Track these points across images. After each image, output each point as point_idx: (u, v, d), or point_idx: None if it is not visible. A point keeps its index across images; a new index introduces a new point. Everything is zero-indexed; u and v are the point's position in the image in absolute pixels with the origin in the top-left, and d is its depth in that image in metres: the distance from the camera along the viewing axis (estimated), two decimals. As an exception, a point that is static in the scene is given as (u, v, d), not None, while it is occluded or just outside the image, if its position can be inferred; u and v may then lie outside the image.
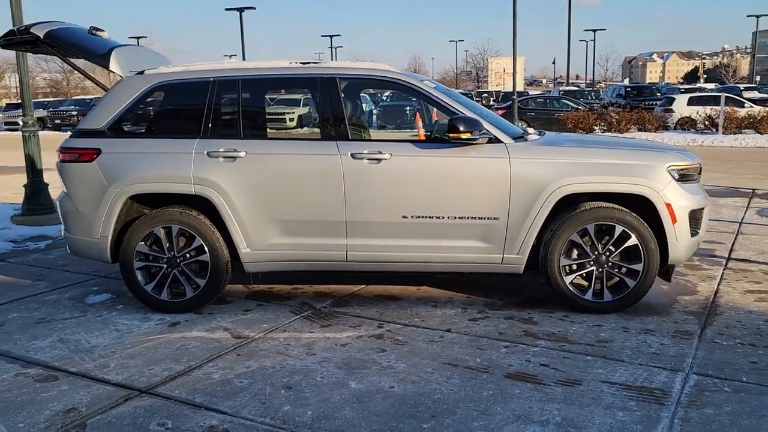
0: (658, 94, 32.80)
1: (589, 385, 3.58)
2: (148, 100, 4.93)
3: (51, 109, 35.03)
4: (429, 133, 5.78)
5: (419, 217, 4.65)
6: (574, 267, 4.69)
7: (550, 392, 3.50)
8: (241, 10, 42.11)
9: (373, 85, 5.28)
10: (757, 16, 54.39)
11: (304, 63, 5.04)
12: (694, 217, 4.67)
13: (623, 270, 4.65)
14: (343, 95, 4.79)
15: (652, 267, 4.59)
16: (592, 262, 4.66)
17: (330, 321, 4.65)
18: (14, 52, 6.77)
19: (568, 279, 4.67)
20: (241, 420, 3.26)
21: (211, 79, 4.87)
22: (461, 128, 4.50)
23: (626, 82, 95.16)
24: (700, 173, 4.92)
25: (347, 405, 3.39)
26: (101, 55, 4.99)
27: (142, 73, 5.03)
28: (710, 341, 4.16)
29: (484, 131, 4.58)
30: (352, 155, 4.64)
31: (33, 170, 8.57)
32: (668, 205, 4.54)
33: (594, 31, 54.48)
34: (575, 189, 4.56)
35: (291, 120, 4.82)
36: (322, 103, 4.81)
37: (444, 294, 5.22)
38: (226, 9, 42.60)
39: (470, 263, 4.77)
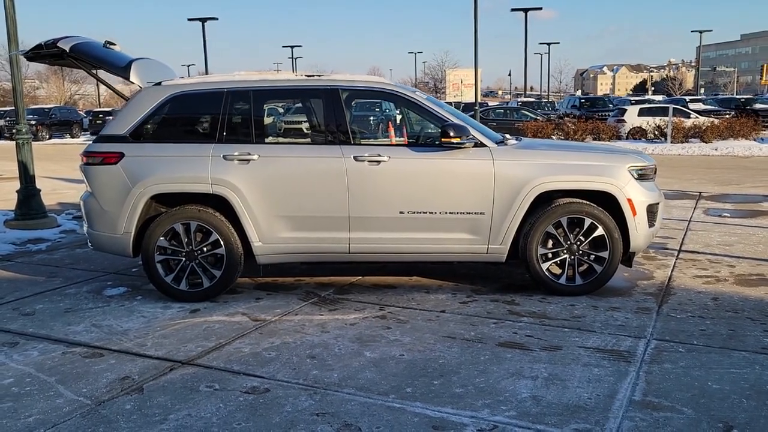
0: (610, 105, 34.24)
1: (568, 349, 4.23)
2: (167, 108, 5.42)
3: (8, 118, 34.60)
4: (414, 140, 6.40)
5: (415, 212, 5.26)
6: (550, 255, 5.35)
7: (536, 356, 4.13)
8: (203, 20, 42.29)
9: (371, 95, 5.86)
10: (701, 32, 56.89)
11: (308, 75, 5.61)
12: (651, 211, 5.39)
13: (592, 257, 5.33)
14: (344, 104, 5.38)
15: (617, 254, 5.28)
16: (565, 251, 5.33)
17: (336, 306, 5.21)
18: None
19: (544, 266, 5.33)
20: (278, 381, 3.80)
21: (225, 90, 5.41)
22: (452, 134, 5.14)
23: (578, 93, 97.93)
24: (655, 173, 5.65)
25: (366, 369, 3.97)
26: (122, 68, 5.47)
27: (159, 84, 5.54)
28: (666, 315, 4.86)
29: (471, 137, 5.23)
30: (355, 158, 5.23)
31: (26, 176, 8.89)
32: (629, 201, 5.25)
33: (549, 44, 56.30)
34: (551, 187, 5.23)
35: (304, 127, 5.12)
36: (326, 111, 5.39)
37: (434, 282, 5.83)
38: (189, 19, 42.71)
39: (459, 253, 5.39)
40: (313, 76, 5.61)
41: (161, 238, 5.29)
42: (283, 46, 50.71)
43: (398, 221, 5.29)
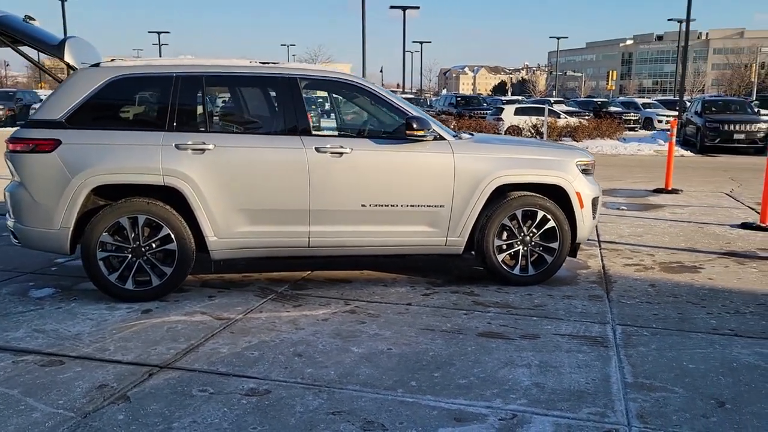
0: (484, 104, 35.71)
1: (546, 337, 4.37)
2: (108, 92, 4.99)
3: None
4: (360, 131, 6.27)
5: (376, 205, 5.20)
6: (504, 247, 5.50)
7: (519, 344, 4.24)
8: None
9: (331, 86, 5.70)
10: (558, 38, 60.85)
11: (263, 62, 5.38)
12: (594, 204, 5.69)
13: (542, 248, 5.54)
14: (303, 94, 5.22)
15: (566, 245, 5.53)
16: (519, 242, 5.50)
17: (299, 302, 5.05)
18: None
19: (500, 257, 5.47)
20: (276, 381, 3.63)
21: (175, 74, 5.06)
22: (415, 126, 5.13)
23: (444, 92, 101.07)
24: (593, 168, 5.97)
25: (360, 365, 3.88)
26: (55, 46, 4.97)
27: (97, 65, 5.09)
28: (617, 302, 5.15)
29: (432, 130, 5.25)
30: (317, 149, 5.08)
31: None
32: (578, 194, 5.51)
33: (421, 43, 57.68)
34: (508, 180, 5.37)
35: (260, 117, 4.79)
36: (284, 100, 5.19)
37: (387, 276, 5.81)
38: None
39: (419, 246, 5.41)
40: (269, 63, 5.39)
41: (104, 234, 4.87)
42: (149, 32, 48.10)
43: (359, 214, 5.21)
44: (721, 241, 7.45)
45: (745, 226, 8.33)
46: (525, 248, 5.51)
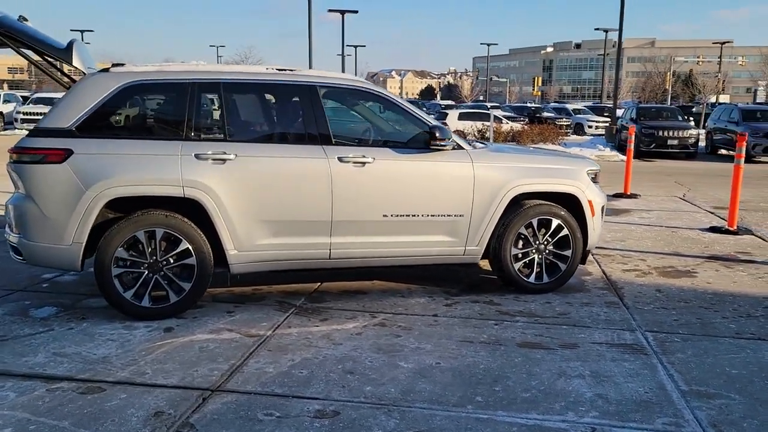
0: (424, 108, 36.01)
1: (585, 346, 4.41)
2: (121, 99, 4.72)
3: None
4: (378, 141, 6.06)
5: (398, 216, 5.13)
6: (520, 255, 5.53)
7: (562, 354, 4.26)
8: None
9: (350, 94, 5.56)
10: (488, 45, 62.16)
11: (279, 69, 5.22)
12: (602, 211, 5.80)
13: (557, 256, 5.60)
14: (323, 102, 5.09)
15: (578, 252, 5.61)
16: (534, 250, 5.54)
17: (322, 315, 4.92)
18: None
19: (516, 265, 5.50)
20: (339, 402, 3.51)
21: (191, 81, 4.84)
22: (438, 135, 5.10)
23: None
24: (599, 177, 6.09)
25: (417, 380, 3.80)
26: (63, 50, 4.67)
27: (106, 70, 4.81)
28: (634, 308, 5.26)
29: (452, 139, 5.22)
30: (339, 159, 4.97)
31: None
32: (590, 202, 5.60)
33: (356, 47, 57.61)
34: (525, 189, 5.40)
35: (281, 125, 4.51)
36: (305, 108, 5.05)
37: (401, 286, 5.73)
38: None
39: (438, 256, 5.36)
40: (285, 70, 5.23)
41: (120, 249, 4.60)
42: (71, 30, 45.95)
43: (381, 225, 5.12)
44: (699, 245, 7.75)
45: (713, 230, 8.70)
46: (540, 256, 5.56)
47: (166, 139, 4.74)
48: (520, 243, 5.51)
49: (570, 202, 5.59)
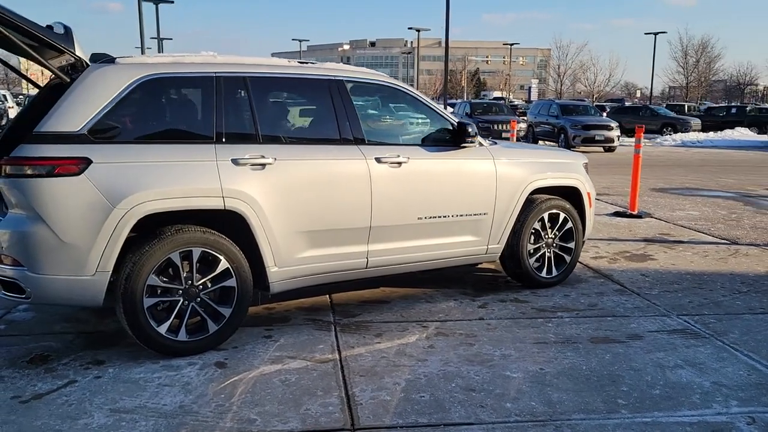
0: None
1: (648, 336, 4.50)
2: (138, 96, 3.92)
3: None
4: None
5: (431, 217, 4.86)
6: (532, 250, 5.52)
7: (641, 346, 4.30)
8: None
9: (375, 90, 5.10)
10: (300, 41, 61.91)
11: (302, 62, 4.67)
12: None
13: (562, 248, 5.68)
14: (352, 98, 4.66)
15: (580, 243, 5.74)
16: (544, 245, 5.57)
17: (372, 331, 4.52)
18: None
19: (531, 261, 5.49)
20: (492, 424, 3.23)
21: (216, 75, 4.17)
22: (470, 131, 4.91)
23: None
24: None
25: (544, 390, 3.62)
26: (62, 35, 3.78)
27: (112, 62, 3.99)
28: (643, 294, 5.48)
29: (476, 135, 5.06)
30: (377, 159, 4.59)
31: None
32: (588, 194, 5.75)
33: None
34: (540, 184, 5.39)
35: (311, 124, 3.78)
36: (337, 105, 4.57)
37: (414, 291, 5.44)
38: None
39: (464, 256, 5.18)
40: (307, 63, 4.70)
41: (152, 275, 3.84)
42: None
43: (415, 228, 4.83)
44: (621, 229, 8.30)
45: (618, 214, 9.41)
46: (549, 250, 5.60)
47: (194, 142, 4.04)
48: (533, 238, 5.51)
49: (571, 195, 5.70)
